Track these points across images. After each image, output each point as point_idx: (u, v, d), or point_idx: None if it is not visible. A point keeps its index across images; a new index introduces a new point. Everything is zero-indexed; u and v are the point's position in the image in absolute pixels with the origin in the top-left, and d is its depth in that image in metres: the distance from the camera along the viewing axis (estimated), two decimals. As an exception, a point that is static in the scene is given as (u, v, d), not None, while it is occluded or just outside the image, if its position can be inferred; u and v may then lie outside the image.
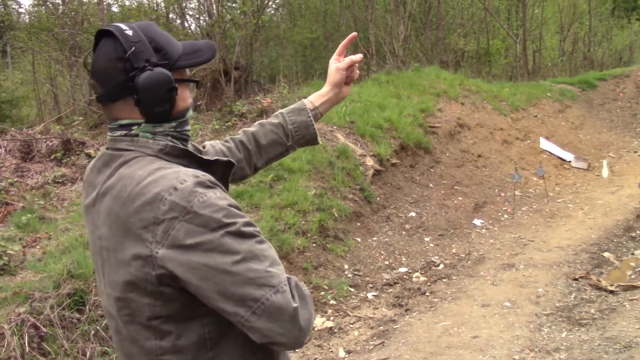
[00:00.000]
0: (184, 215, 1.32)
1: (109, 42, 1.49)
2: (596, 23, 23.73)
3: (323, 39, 19.92)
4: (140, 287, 1.37)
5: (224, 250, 1.32)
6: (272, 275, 1.34)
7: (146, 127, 1.51)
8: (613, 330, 4.68)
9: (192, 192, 1.34)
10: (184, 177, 1.37)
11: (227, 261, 1.31)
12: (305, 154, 7.65)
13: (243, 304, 1.32)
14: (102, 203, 1.46)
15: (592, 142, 13.29)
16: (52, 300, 4.10)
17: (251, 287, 1.32)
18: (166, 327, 1.40)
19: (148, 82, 1.44)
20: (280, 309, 1.32)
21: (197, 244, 1.31)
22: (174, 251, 1.32)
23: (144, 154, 1.47)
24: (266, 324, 1.33)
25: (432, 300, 5.84)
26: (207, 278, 1.32)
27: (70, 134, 8.57)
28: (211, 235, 1.31)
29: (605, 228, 7.77)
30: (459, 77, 13.45)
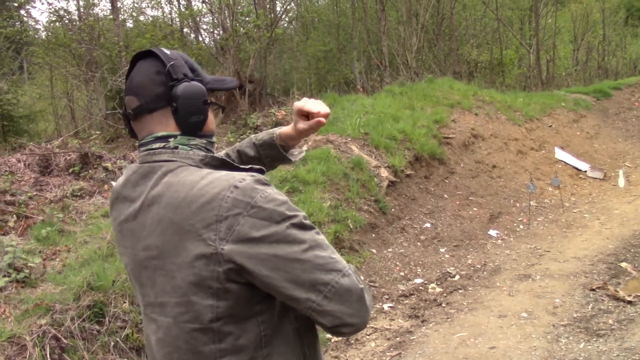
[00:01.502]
0: (248, 210, 1.39)
1: (148, 60, 1.59)
2: (610, 32, 23.65)
3: (336, 51, 20.01)
4: (204, 287, 1.41)
5: (291, 240, 1.40)
6: (337, 260, 1.43)
7: (182, 139, 1.57)
8: (631, 341, 4.65)
9: (253, 189, 1.42)
10: (242, 177, 1.45)
11: (296, 250, 1.39)
12: (320, 166, 7.69)
13: (314, 288, 1.40)
14: (149, 213, 1.50)
15: (608, 151, 13.22)
16: (73, 312, 4.15)
17: (320, 273, 1.40)
18: (227, 328, 1.44)
19: (186, 92, 1.54)
20: (349, 291, 1.41)
21: (264, 236, 1.38)
22: (242, 245, 1.38)
23: (186, 164, 1.53)
24: (337, 306, 1.41)
25: (449, 311, 5.83)
26: (278, 268, 1.38)
27: (87, 147, 8.69)
28: (277, 227, 1.39)
29: (622, 238, 7.72)
30: (473, 88, 13.45)
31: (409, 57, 16.25)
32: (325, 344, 5.14)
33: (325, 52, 19.41)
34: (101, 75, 14.41)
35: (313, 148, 8.39)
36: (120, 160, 8.57)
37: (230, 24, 14.33)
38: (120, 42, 13.97)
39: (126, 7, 19.58)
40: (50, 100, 16.54)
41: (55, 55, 15.87)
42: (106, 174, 8.10)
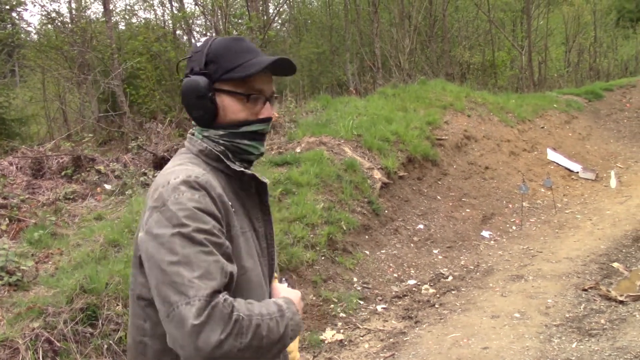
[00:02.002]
0: (161, 208, 1.45)
1: None
2: (601, 34, 23.78)
3: (329, 53, 20.05)
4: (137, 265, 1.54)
5: (168, 248, 1.39)
6: (193, 286, 1.35)
7: (197, 129, 1.68)
8: (623, 341, 4.67)
9: (174, 189, 1.47)
10: (179, 174, 1.51)
11: (166, 259, 1.39)
12: (313, 168, 7.70)
13: (164, 303, 1.38)
14: None
15: (600, 152, 13.29)
16: (66, 315, 4.14)
17: (172, 291, 1.36)
18: (149, 311, 1.52)
19: (182, 88, 1.64)
20: (182, 321, 1.33)
21: (157, 234, 1.42)
22: (145, 236, 1.45)
23: (189, 151, 1.65)
24: (173, 330, 1.36)
25: (442, 312, 5.84)
26: (151, 269, 1.42)
27: (80, 150, 8.65)
28: (167, 230, 1.41)
29: (614, 238, 7.76)
30: (465, 90, 13.50)
31: (401, 59, 16.29)
32: (319, 345, 5.15)
33: (318, 54, 19.45)
34: (93, 77, 14.37)
35: (306, 150, 8.40)
36: (113, 162, 8.54)
37: (223, 26, 14.31)
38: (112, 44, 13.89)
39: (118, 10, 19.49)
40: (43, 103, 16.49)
41: (47, 57, 15.81)
42: (99, 176, 8.08)
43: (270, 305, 1.50)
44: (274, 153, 8.54)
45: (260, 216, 1.73)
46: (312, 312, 5.67)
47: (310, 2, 24.39)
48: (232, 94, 1.63)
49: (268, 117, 1.69)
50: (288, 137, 9.19)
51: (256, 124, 1.66)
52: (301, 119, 10.18)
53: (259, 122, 1.67)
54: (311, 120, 9.97)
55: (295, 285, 5.84)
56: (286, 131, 9.58)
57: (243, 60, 1.62)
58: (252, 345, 1.38)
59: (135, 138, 10.08)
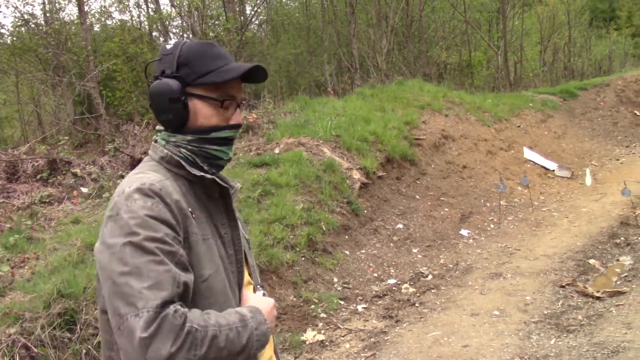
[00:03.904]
0: (115, 216, 1.43)
1: None
2: (575, 34, 24.08)
3: (307, 54, 20.04)
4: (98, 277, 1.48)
5: (119, 258, 1.36)
6: (142, 297, 1.32)
7: (163, 134, 1.64)
8: (600, 336, 4.73)
9: (128, 197, 1.44)
10: (133, 182, 1.47)
11: (116, 270, 1.36)
12: (292, 169, 7.69)
13: (114, 315, 1.35)
14: None
15: (575, 150, 13.46)
16: (43, 320, 4.08)
17: (122, 302, 1.33)
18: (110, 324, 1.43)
19: (152, 91, 1.59)
20: (131, 333, 1.30)
21: (110, 244, 1.39)
22: (99, 246, 1.43)
23: (151, 159, 1.62)
24: (123, 341, 1.32)
25: (422, 310, 5.87)
26: (104, 280, 1.39)
27: (55, 153, 8.54)
28: (119, 240, 1.38)
29: (590, 235, 7.86)
30: (442, 90, 13.59)
31: (379, 60, 16.34)
32: (300, 346, 5.14)
33: (295, 55, 19.42)
34: (69, 80, 14.19)
35: (285, 151, 8.38)
36: (90, 165, 8.44)
37: (200, 28, 14.24)
38: (88, 46, 13.75)
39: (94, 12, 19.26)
40: (17, 106, 16.24)
41: (21, 60, 15.60)
42: (75, 179, 7.98)
43: (232, 315, 1.46)
44: (253, 154, 8.52)
45: (226, 222, 1.68)
46: (292, 313, 5.66)
47: (287, 3, 24.38)
48: (204, 99, 1.60)
49: (238, 124, 1.68)
50: (267, 138, 9.16)
51: (227, 130, 1.65)
52: (279, 120, 10.17)
53: (230, 128, 1.65)
54: (290, 121, 9.96)
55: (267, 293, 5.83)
56: (265, 132, 9.55)
57: (217, 66, 1.60)
58: (209, 358, 1.34)
59: (112, 140, 9.98)
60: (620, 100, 16.76)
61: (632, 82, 17.49)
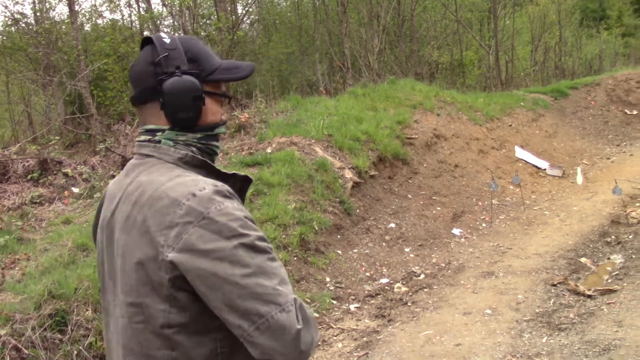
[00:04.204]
0: (200, 221, 1.35)
1: (147, 48, 1.56)
2: (566, 33, 24.18)
3: (298, 53, 20.03)
4: (156, 291, 1.38)
5: (235, 261, 1.33)
6: (280, 293, 1.35)
7: (169, 134, 1.55)
8: (592, 334, 4.75)
9: (210, 199, 1.38)
10: (203, 185, 1.41)
11: (237, 273, 1.33)
12: (284, 168, 7.68)
13: (247, 317, 1.33)
14: (120, 211, 1.49)
15: (566, 149, 13.51)
16: (34, 321, 4.06)
17: (257, 303, 1.32)
18: (179, 338, 1.40)
19: (174, 87, 1.50)
20: (284, 329, 1.33)
21: (208, 250, 1.33)
22: (185, 255, 1.34)
23: (163, 161, 1.52)
24: (268, 341, 1.33)
25: (414, 310, 5.87)
26: (215, 287, 1.33)
27: (46, 153, 8.50)
28: (224, 244, 1.33)
29: (582, 234, 7.90)
30: (434, 89, 13.61)
31: (370, 59, 16.35)
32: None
33: (287, 54, 19.40)
34: (59, 79, 14.13)
35: (277, 150, 8.38)
36: (81, 165, 8.41)
37: (191, 27, 14.21)
38: (78, 46, 13.68)
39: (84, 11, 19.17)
40: (7, 106, 16.14)
41: (11, 59, 15.52)
42: (66, 180, 7.94)
43: None
44: (245, 154, 8.50)
45: None
46: (285, 312, 5.65)
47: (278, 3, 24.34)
48: (213, 96, 1.59)
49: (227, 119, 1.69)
50: (259, 137, 9.15)
51: (222, 126, 1.65)
52: (272, 119, 10.16)
53: (224, 123, 1.66)
54: (282, 121, 9.95)
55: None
56: (257, 132, 9.54)
57: (218, 63, 1.60)
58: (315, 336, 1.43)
59: (103, 140, 9.94)
60: (611, 99, 16.84)
61: (622, 81, 17.57)
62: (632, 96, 16.85)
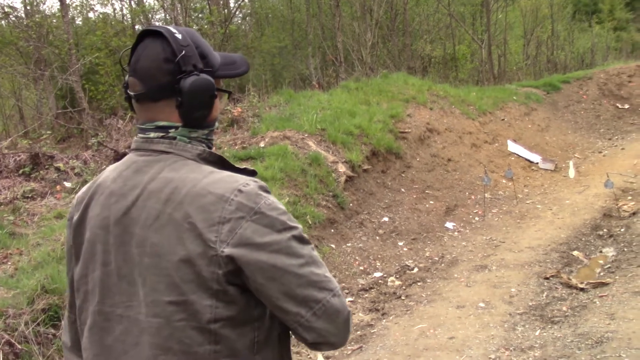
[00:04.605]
0: (252, 216, 1.39)
1: (157, 43, 1.51)
2: (558, 27, 24.22)
3: (291, 47, 19.98)
4: (204, 287, 1.39)
5: (291, 252, 1.40)
6: (330, 280, 1.44)
7: (183, 131, 1.53)
8: (585, 327, 4.78)
9: (258, 195, 1.42)
10: (246, 181, 1.44)
11: (294, 263, 1.40)
12: (277, 162, 7.67)
13: (306, 304, 1.41)
14: (144, 208, 1.45)
15: (558, 143, 13.56)
16: (27, 316, 4.04)
17: (314, 290, 1.41)
18: (224, 331, 1.41)
19: (194, 87, 1.48)
20: (338, 312, 1.43)
21: (265, 243, 1.38)
22: (242, 249, 1.37)
23: (183, 157, 1.50)
24: (324, 324, 1.42)
25: (408, 303, 5.89)
26: (274, 278, 1.39)
27: (38, 148, 8.44)
28: (279, 236, 1.40)
29: (574, 227, 7.93)
30: (427, 83, 13.61)
31: (363, 53, 16.33)
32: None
33: (280, 48, 19.34)
34: (50, 73, 14.02)
35: (270, 144, 8.36)
36: (73, 160, 8.36)
37: (183, 21, 14.15)
38: (70, 39, 13.57)
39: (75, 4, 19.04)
40: (-3, 100, 16.04)
41: (1, 53, 15.39)
42: (58, 174, 7.90)
43: None
44: (238, 148, 8.48)
45: None
46: (279, 306, 5.65)
47: (271, -4, 24.26)
48: (220, 92, 1.59)
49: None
50: (252, 131, 9.13)
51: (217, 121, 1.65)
52: (264, 114, 10.14)
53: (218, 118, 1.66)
54: (275, 115, 9.93)
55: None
56: (250, 126, 9.52)
57: (218, 58, 1.60)
58: None
59: (95, 134, 9.89)
60: (603, 93, 16.90)
61: (614, 75, 17.63)
62: (623, 90, 16.92)
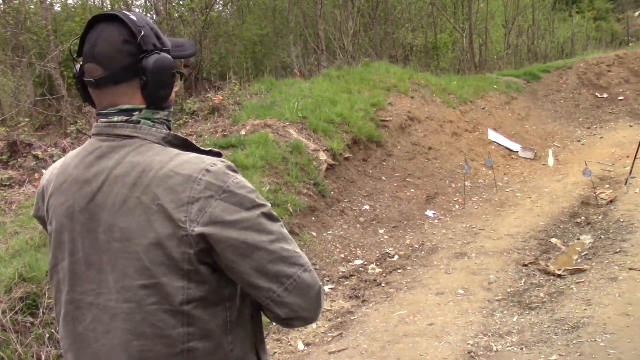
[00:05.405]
0: (220, 194, 1.40)
1: (112, 26, 1.50)
2: (539, 16, 24.32)
3: (272, 35, 19.86)
4: (175, 269, 1.39)
5: (261, 229, 1.42)
6: (300, 255, 1.46)
7: (146, 113, 1.53)
8: (561, 312, 4.86)
9: (225, 174, 1.43)
10: (213, 161, 1.45)
11: (265, 239, 1.41)
12: (258, 150, 7.65)
13: (277, 279, 1.42)
14: (110, 194, 1.44)
15: (538, 132, 13.67)
16: (4, 304, 4.01)
17: (285, 265, 1.42)
18: (196, 312, 1.42)
19: (158, 65, 1.49)
20: (309, 286, 1.45)
21: (235, 220, 1.39)
22: (212, 227, 1.38)
23: (148, 141, 1.49)
24: (296, 299, 1.43)
25: (388, 290, 5.93)
26: (245, 254, 1.40)
27: (16, 135, 8.34)
28: (248, 214, 1.41)
29: (552, 215, 8.02)
30: (408, 71, 13.62)
31: (345, 41, 16.30)
32: (266, 327, 5.15)
33: (261, 36, 19.21)
34: (28, 60, 13.82)
35: (251, 132, 8.34)
36: (51, 147, 8.27)
37: (164, 7, 14.00)
38: (48, 26, 13.38)
39: (53, -10, 18.73)
40: (-26, 87, 15.80)
41: (-22, 39, 15.15)
42: (36, 162, 7.81)
43: None
44: (219, 136, 8.45)
45: None
46: (259, 294, 5.66)
47: (252, -17, 24.06)
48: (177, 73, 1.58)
49: None
50: (232, 119, 9.09)
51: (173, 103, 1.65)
52: (245, 102, 10.09)
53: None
54: (256, 103, 9.89)
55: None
56: (230, 114, 9.47)
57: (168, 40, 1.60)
58: None
59: (74, 122, 9.79)
60: (582, 82, 17.05)
61: (593, 64, 17.78)
62: (602, 79, 17.08)
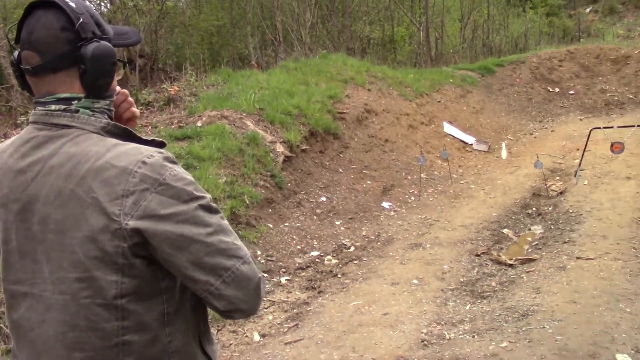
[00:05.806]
0: (156, 187, 1.36)
1: (50, 13, 1.44)
2: (494, 11, 24.69)
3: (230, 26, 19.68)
4: (108, 263, 1.36)
5: (198, 221, 1.39)
6: (239, 247, 1.44)
7: (86, 102, 1.49)
8: (512, 301, 4.97)
9: (162, 166, 1.39)
10: (150, 152, 1.41)
11: (202, 232, 1.39)
12: (214, 142, 7.60)
13: (215, 272, 1.40)
14: (45, 184, 1.41)
15: (492, 125, 13.91)
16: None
17: (222, 257, 1.40)
18: (131, 306, 1.40)
19: (97, 53, 1.45)
20: (248, 279, 1.43)
21: (170, 214, 1.36)
22: (147, 221, 1.35)
23: (86, 131, 1.46)
24: (234, 291, 1.41)
25: (344, 281, 5.97)
26: (182, 248, 1.37)
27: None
28: (185, 207, 1.38)
29: (505, 206, 8.19)
30: (366, 64, 13.69)
31: (303, 33, 16.27)
32: (222, 318, 5.13)
33: (218, 26, 19.00)
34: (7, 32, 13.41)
35: (207, 124, 8.27)
36: (1, 139, 8.06)
37: (118, -4, 13.74)
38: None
39: (2, -24, 18.17)
40: None
41: None
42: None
43: None
44: (174, 127, 8.35)
45: None
46: (215, 286, 5.63)
47: (209, -27, 23.77)
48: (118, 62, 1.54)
49: None
50: (189, 111, 9.00)
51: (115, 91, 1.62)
52: (202, 93, 10.00)
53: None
54: (212, 94, 9.81)
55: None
56: (187, 105, 9.37)
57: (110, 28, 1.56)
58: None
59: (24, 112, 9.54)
60: (535, 77, 17.39)
61: (545, 59, 18.15)
62: (554, 74, 17.45)
